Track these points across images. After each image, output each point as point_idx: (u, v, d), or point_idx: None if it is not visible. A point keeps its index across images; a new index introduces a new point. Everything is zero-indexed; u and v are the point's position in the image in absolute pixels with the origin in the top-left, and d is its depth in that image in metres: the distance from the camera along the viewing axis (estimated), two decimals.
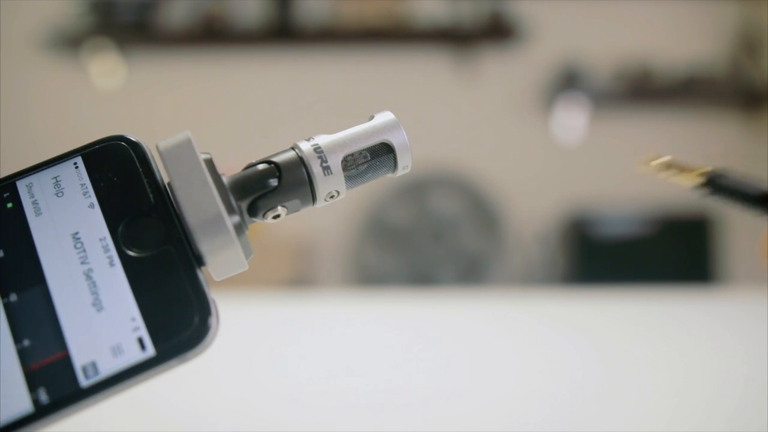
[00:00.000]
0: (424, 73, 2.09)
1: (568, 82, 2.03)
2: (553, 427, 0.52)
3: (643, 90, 2.02)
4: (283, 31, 2.02)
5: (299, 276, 1.95)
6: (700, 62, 2.03)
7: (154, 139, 0.20)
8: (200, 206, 0.18)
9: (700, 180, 0.19)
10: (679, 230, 2.01)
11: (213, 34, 2.02)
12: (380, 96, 2.08)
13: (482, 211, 1.99)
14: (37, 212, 0.19)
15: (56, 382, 0.17)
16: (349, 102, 2.06)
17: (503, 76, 2.09)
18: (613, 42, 2.05)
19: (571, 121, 2.07)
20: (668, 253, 1.98)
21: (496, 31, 2.01)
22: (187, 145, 0.19)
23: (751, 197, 0.20)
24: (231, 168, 0.21)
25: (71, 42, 1.98)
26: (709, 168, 0.20)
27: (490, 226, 1.99)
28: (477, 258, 1.94)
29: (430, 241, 1.94)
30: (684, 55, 2.04)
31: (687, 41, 2.06)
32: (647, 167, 0.20)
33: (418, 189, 1.95)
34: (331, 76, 2.09)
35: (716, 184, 0.20)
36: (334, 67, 2.09)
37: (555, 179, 2.08)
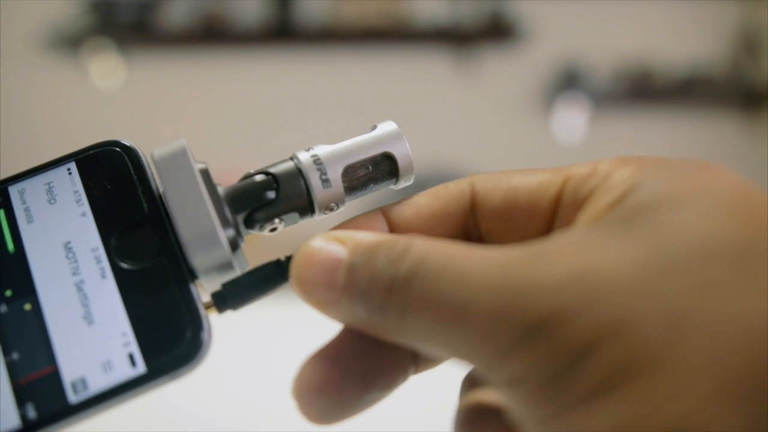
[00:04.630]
0: (424, 73, 2.09)
1: (568, 82, 2.02)
2: None
3: (643, 90, 2.02)
4: (283, 31, 2.02)
5: None
6: (700, 62, 2.03)
7: (154, 140, 0.19)
8: (194, 219, 0.18)
9: (214, 310, 0.19)
10: None
11: (213, 34, 2.02)
12: (380, 96, 2.08)
13: None
14: (29, 220, 0.19)
15: (45, 398, 0.16)
16: (350, 102, 2.06)
17: (503, 76, 2.08)
18: (613, 42, 2.05)
19: (571, 121, 2.07)
20: None
21: (496, 31, 2.01)
22: (182, 154, 0.19)
23: (265, 282, 0.19)
24: (230, 168, 0.21)
25: (71, 42, 1.98)
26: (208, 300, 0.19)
27: None
28: None
29: None
30: (684, 55, 2.04)
31: (687, 41, 2.06)
32: None
33: (418, 189, 1.94)
34: (331, 76, 2.08)
35: (226, 301, 0.19)
36: (334, 67, 2.08)
37: None
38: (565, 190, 0.18)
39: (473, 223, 0.20)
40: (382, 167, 0.21)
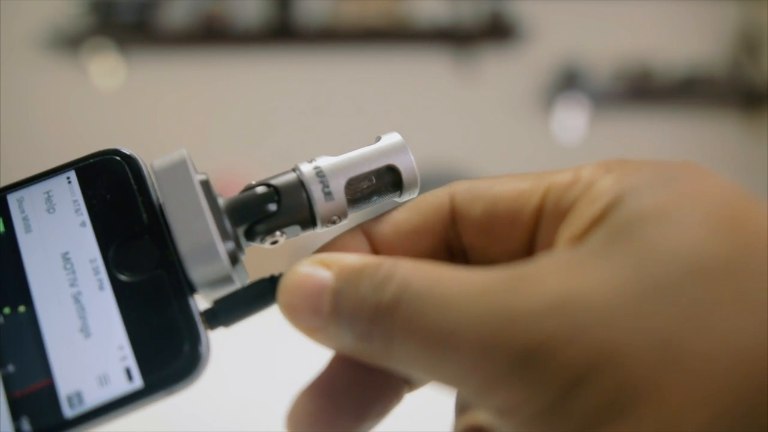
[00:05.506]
0: (424, 73, 2.09)
1: (568, 82, 2.02)
2: None
3: (643, 90, 2.02)
4: (283, 31, 2.02)
5: None
6: (700, 62, 2.03)
7: (154, 140, 0.19)
8: (192, 232, 0.17)
9: (206, 327, 0.18)
10: None
11: (213, 34, 2.02)
12: (380, 96, 2.07)
13: None
14: (27, 229, 0.18)
15: (40, 412, 0.16)
16: (350, 102, 2.06)
17: (503, 76, 2.08)
18: (613, 42, 2.05)
19: (571, 121, 2.07)
20: None
21: (496, 31, 2.01)
22: (182, 165, 0.18)
23: (258, 299, 0.19)
24: (230, 169, 0.21)
25: (71, 42, 1.98)
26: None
27: None
28: None
29: None
30: (684, 55, 2.04)
31: (687, 41, 2.06)
32: None
33: (419, 190, 1.94)
34: (331, 76, 2.08)
35: (218, 318, 0.18)
36: (334, 68, 2.08)
37: None
38: (546, 200, 0.18)
39: (455, 236, 0.19)
40: (386, 180, 0.20)
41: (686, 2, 2.04)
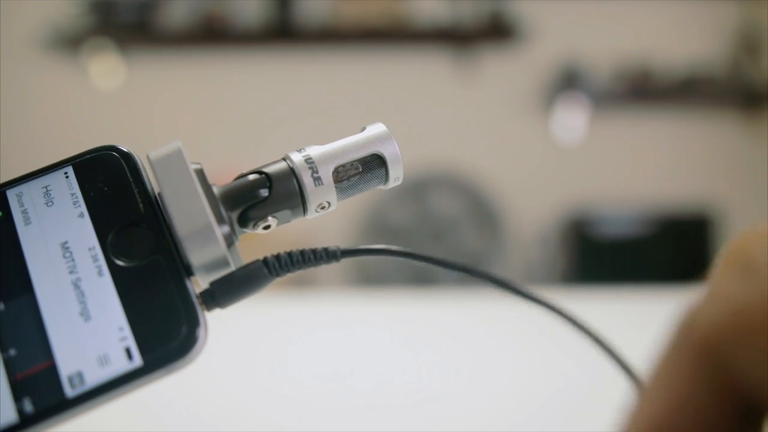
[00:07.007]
0: (424, 73, 2.09)
1: (568, 82, 2.03)
2: (551, 426, 0.52)
3: (643, 90, 2.02)
4: (283, 31, 2.02)
5: (299, 276, 1.94)
6: (700, 62, 2.03)
7: (153, 140, 0.20)
8: (190, 217, 0.18)
9: (203, 308, 0.19)
10: (679, 230, 2.01)
11: (213, 34, 2.02)
12: (380, 96, 2.08)
13: (482, 211, 1.99)
14: (27, 221, 0.19)
15: (42, 392, 0.17)
16: (349, 102, 2.06)
17: (503, 76, 2.09)
18: (613, 42, 2.05)
19: (571, 121, 2.07)
20: (667, 252, 1.98)
21: (496, 31, 2.01)
22: (178, 155, 0.19)
23: (252, 280, 0.19)
24: (229, 168, 0.21)
25: (71, 42, 1.98)
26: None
27: (490, 226, 1.99)
28: (477, 258, 1.94)
29: (430, 241, 1.94)
30: (684, 55, 2.04)
31: (687, 41, 2.06)
32: None
33: (418, 189, 1.95)
34: (331, 76, 2.09)
35: (214, 299, 0.19)
36: (334, 67, 2.08)
37: (555, 179, 2.08)
38: None
39: None
40: (372, 167, 0.21)
41: (686, 2, 2.04)
